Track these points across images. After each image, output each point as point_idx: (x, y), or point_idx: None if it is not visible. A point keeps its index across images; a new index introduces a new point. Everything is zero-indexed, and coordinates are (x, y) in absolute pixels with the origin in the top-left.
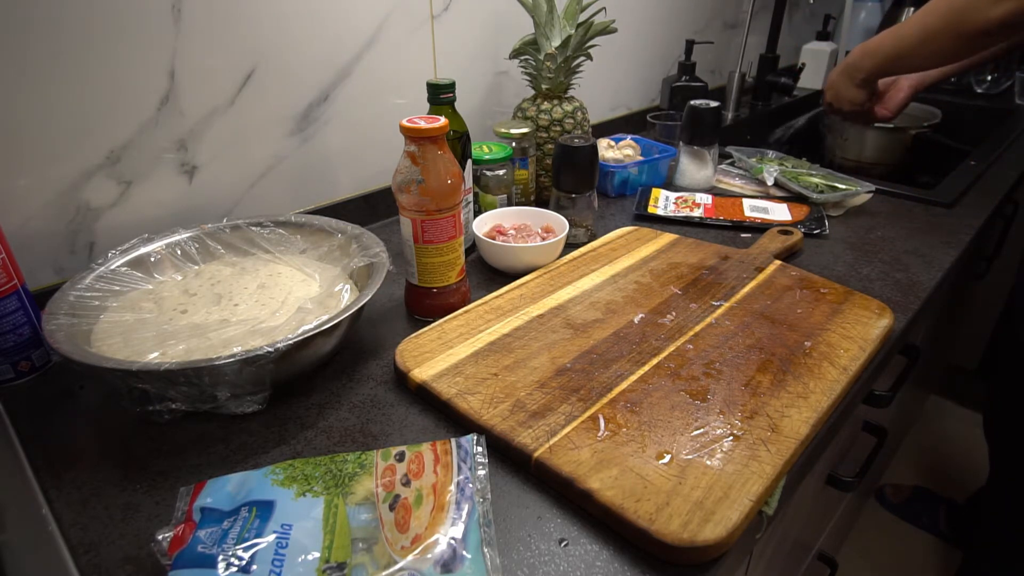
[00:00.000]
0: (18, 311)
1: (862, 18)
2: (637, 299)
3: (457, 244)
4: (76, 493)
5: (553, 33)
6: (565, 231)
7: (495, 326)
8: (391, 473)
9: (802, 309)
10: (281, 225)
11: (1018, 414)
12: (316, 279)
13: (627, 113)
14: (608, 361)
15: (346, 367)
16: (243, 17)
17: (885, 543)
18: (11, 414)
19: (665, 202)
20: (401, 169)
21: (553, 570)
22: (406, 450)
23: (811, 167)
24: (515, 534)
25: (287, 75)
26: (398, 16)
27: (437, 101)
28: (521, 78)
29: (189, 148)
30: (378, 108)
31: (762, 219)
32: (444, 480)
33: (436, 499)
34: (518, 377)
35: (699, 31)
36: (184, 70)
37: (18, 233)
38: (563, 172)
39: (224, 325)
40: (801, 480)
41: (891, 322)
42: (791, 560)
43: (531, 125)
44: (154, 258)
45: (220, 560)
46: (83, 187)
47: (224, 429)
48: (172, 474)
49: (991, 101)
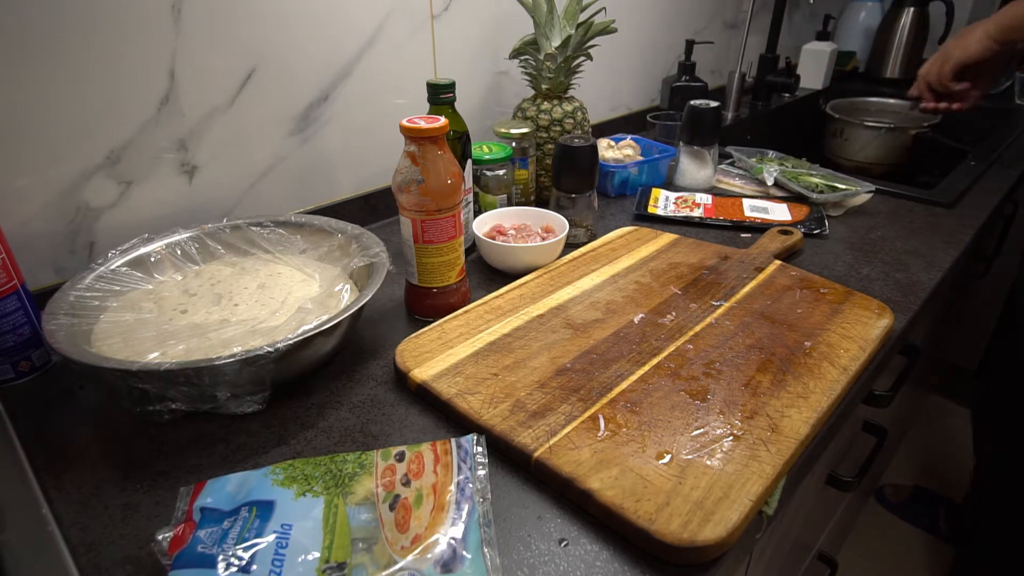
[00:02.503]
0: (18, 311)
1: (862, 18)
2: (637, 299)
3: (457, 244)
4: (76, 493)
5: (553, 33)
6: (565, 231)
7: (495, 326)
8: (391, 473)
9: (802, 309)
10: (281, 225)
11: (1011, 412)
12: (316, 279)
13: (627, 113)
14: (608, 361)
15: (346, 367)
16: (243, 17)
17: (885, 543)
18: (11, 414)
19: (665, 202)
20: (401, 169)
21: (553, 570)
22: (406, 450)
23: (811, 167)
24: (515, 534)
25: (287, 75)
26: (398, 16)
27: (437, 101)
28: (521, 78)
29: (189, 148)
30: (378, 108)
31: (762, 219)
32: (444, 480)
33: (436, 499)
34: (518, 377)
35: (699, 31)
36: (184, 70)
37: (18, 233)
38: (563, 172)
39: (224, 325)
40: (801, 480)
41: (891, 322)
42: (791, 560)
43: (531, 125)
44: (154, 258)
45: (220, 560)
46: (83, 187)
47: (224, 429)
48: (172, 474)
49: (991, 101)
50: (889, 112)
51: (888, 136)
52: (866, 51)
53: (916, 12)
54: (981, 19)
